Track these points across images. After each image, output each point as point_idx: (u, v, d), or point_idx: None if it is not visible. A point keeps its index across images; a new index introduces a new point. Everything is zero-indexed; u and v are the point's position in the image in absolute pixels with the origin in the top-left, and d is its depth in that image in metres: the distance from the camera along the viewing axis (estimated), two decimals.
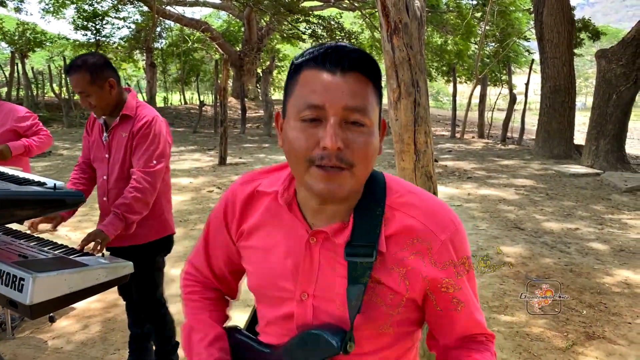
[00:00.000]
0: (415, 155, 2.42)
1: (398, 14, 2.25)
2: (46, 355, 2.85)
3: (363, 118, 0.81)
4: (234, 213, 1.01)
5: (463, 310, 0.93)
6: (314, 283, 0.91)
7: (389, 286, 0.89)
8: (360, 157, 0.81)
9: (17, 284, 1.60)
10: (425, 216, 0.89)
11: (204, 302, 1.11)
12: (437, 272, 0.89)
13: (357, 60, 0.81)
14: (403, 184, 0.95)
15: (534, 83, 15.49)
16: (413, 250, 0.88)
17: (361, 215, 0.89)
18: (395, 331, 0.93)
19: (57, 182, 1.82)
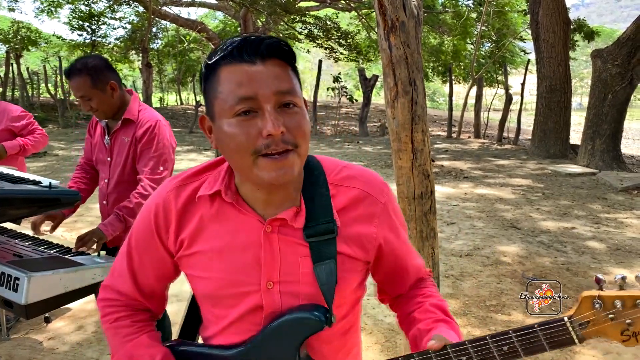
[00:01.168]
0: (413, 154, 2.42)
1: (395, 12, 2.24)
2: (42, 356, 2.83)
3: (294, 99, 0.84)
4: (168, 223, 0.96)
5: (409, 260, 1.05)
6: (278, 270, 0.92)
7: (349, 255, 0.94)
8: (300, 136, 0.84)
9: (12, 283, 1.58)
10: (365, 185, 0.96)
11: (136, 325, 1.02)
12: (386, 231, 0.97)
13: (272, 47, 0.83)
14: (335, 162, 1.00)
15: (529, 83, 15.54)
16: (362, 217, 0.95)
17: (310, 197, 0.93)
18: (352, 297, 1.00)
19: (52, 181, 1.80)
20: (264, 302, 0.92)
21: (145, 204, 1.01)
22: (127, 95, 2.29)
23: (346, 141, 14.33)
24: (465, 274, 4.15)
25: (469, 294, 3.76)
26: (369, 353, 2.91)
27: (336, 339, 1.00)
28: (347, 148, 12.65)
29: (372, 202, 0.95)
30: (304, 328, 0.90)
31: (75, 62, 2.12)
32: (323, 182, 0.94)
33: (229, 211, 0.93)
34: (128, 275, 1.02)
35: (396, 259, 1.02)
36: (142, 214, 1.00)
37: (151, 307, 1.07)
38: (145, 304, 1.05)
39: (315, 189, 0.93)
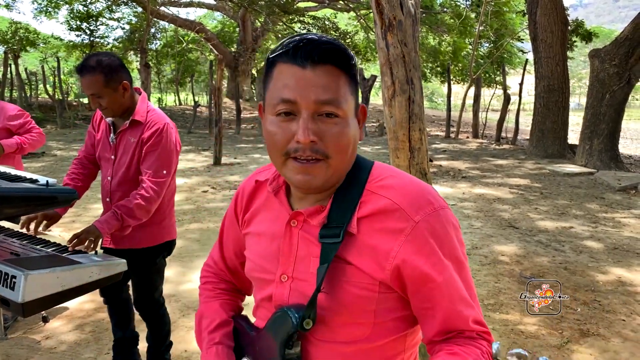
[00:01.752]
0: (410, 152, 2.42)
1: (392, 11, 2.25)
2: (39, 355, 2.83)
3: (335, 110, 0.83)
4: (242, 203, 1.06)
5: (445, 298, 0.85)
6: (293, 265, 0.93)
7: (357, 266, 0.87)
8: (334, 148, 0.83)
9: (9, 281, 1.58)
10: (399, 196, 0.87)
11: (215, 291, 1.15)
12: (410, 253, 0.84)
13: (327, 52, 0.82)
14: (389, 170, 0.94)
15: (528, 84, 15.58)
16: (385, 230, 0.86)
17: (338, 199, 0.91)
18: (375, 323, 0.89)
19: (49, 179, 1.80)
20: (274, 293, 0.94)
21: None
22: (136, 94, 2.25)
23: None
24: None
25: None
26: None
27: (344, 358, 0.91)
28: None
29: (401, 217, 0.85)
30: (284, 326, 0.90)
31: (89, 59, 2.06)
32: (359, 186, 0.91)
33: (273, 200, 0.99)
34: (219, 248, 1.17)
35: (423, 293, 0.86)
36: (235, 193, 1.11)
37: (235, 281, 1.18)
38: (229, 275, 1.17)
39: (347, 192, 0.91)
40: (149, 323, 2.52)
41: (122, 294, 2.55)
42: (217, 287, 1.16)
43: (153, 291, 2.44)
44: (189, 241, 4.98)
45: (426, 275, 0.84)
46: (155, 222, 2.30)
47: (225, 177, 8.64)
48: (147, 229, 2.29)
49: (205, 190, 7.47)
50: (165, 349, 2.59)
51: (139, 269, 2.33)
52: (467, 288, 0.88)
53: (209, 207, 6.50)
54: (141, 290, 2.43)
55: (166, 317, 2.56)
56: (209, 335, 1.05)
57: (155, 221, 2.30)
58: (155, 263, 2.41)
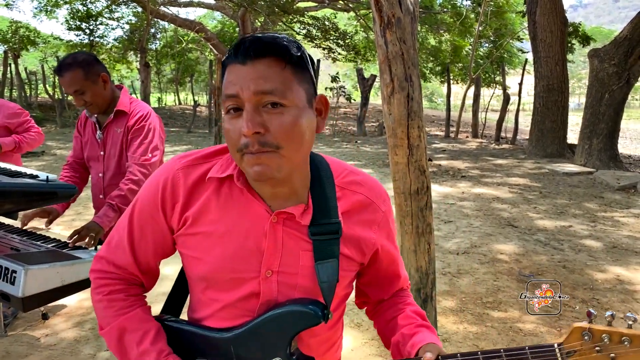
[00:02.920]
0: (409, 149, 2.43)
1: (391, 8, 2.26)
2: (39, 352, 2.84)
3: (279, 99, 0.83)
4: (175, 199, 0.96)
5: (400, 268, 1.12)
6: (278, 260, 0.94)
7: (347, 256, 0.98)
8: (283, 137, 0.83)
9: (10, 276, 1.59)
10: (369, 192, 1.01)
11: (130, 299, 1.02)
12: (383, 238, 1.02)
13: (265, 46, 0.83)
14: (341, 164, 1.03)
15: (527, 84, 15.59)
16: (363, 222, 0.99)
17: (318, 196, 0.95)
18: (342, 294, 1.04)
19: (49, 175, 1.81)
20: (261, 290, 0.94)
21: (151, 177, 1.01)
22: (117, 90, 2.33)
23: (344, 141, 14.35)
24: (462, 272, 4.17)
25: (466, 291, 3.77)
26: (366, 348, 2.92)
27: (323, 332, 1.04)
28: (345, 148, 12.67)
29: (374, 209, 1.00)
30: (300, 321, 0.92)
31: (64, 58, 2.15)
32: (331, 183, 0.97)
33: (237, 197, 0.95)
34: (127, 247, 1.01)
35: (389, 265, 1.08)
36: (148, 187, 0.99)
37: (145, 282, 1.07)
38: (140, 278, 1.05)
39: (323, 189, 0.96)
40: None
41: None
42: (129, 294, 1.03)
43: None
44: None
45: (392, 253, 1.07)
46: None
47: None
48: None
49: None
50: None
51: None
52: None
53: None
54: None
55: None
56: (153, 346, 0.96)
57: None
58: None
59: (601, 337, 0.86)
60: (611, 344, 0.85)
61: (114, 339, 0.98)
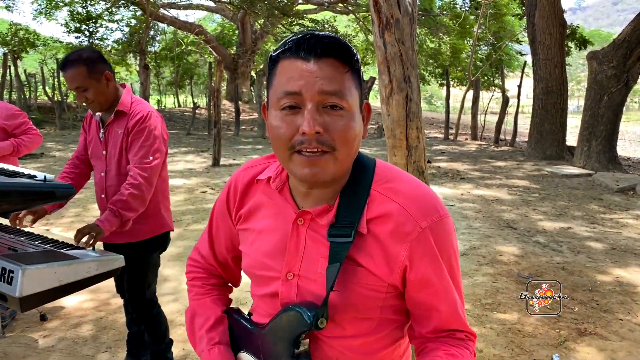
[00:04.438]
0: (407, 150, 2.43)
1: (390, 9, 2.26)
2: (37, 353, 2.83)
3: (340, 101, 0.83)
4: (235, 198, 1.05)
5: (441, 301, 0.93)
6: (299, 263, 0.93)
7: (369, 269, 0.89)
8: (340, 139, 0.83)
9: (7, 276, 1.58)
10: (408, 201, 0.89)
11: (206, 287, 1.14)
12: (417, 258, 0.88)
13: (330, 46, 0.82)
14: (393, 170, 0.95)
15: (526, 86, 15.61)
16: (394, 233, 0.88)
17: (346, 198, 0.91)
18: (379, 317, 0.95)
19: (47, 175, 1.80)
20: (280, 291, 0.95)
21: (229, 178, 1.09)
22: (120, 88, 2.31)
23: None
24: (462, 273, 4.15)
25: (465, 292, 3.76)
26: None
27: (355, 354, 0.96)
28: None
29: (408, 222, 0.88)
30: (295, 324, 0.90)
31: (70, 54, 2.13)
32: (366, 186, 0.91)
33: (276, 197, 0.98)
34: (207, 239, 1.14)
35: (424, 293, 0.92)
36: (225, 187, 1.09)
37: (225, 275, 1.17)
38: (219, 270, 1.16)
39: (354, 191, 0.91)
40: (145, 324, 2.51)
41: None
42: (206, 282, 1.15)
43: (146, 288, 2.43)
44: (188, 241, 4.98)
45: (428, 280, 0.90)
46: (151, 214, 2.32)
47: (224, 178, 8.64)
48: (144, 222, 2.30)
49: (205, 191, 7.48)
50: (167, 347, 2.59)
51: (134, 262, 2.32)
52: (459, 293, 0.95)
53: (209, 207, 6.50)
54: (134, 287, 2.42)
55: (161, 316, 2.56)
56: (207, 334, 1.04)
57: (150, 213, 2.31)
58: (151, 256, 2.42)
59: None
60: None
61: (188, 319, 1.10)
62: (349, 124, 0.84)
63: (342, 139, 0.83)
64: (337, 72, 0.83)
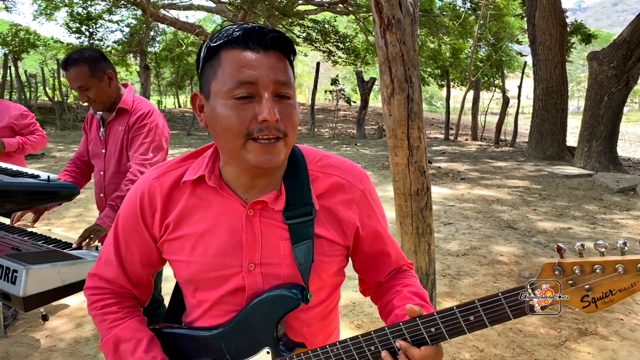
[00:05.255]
0: (409, 150, 2.44)
1: (391, 9, 2.27)
2: (39, 353, 2.83)
3: (289, 91, 0.89)
4: (154, 208, 0.98)
5: (389, 246, 1.08)
6: (259, 252, 0.96)
7: (329, 239, 0.98)
8: (290, 126, 0.88)
9: (11, 276, 1.59)
10: (344, 172, 1.01)
11: (124, 311, 1.06)
12: (364, 217, 1.01)
13: (276, 40, 0.87)
14: (315, 151, 1.04)
15: (526, 87, 15.61)
16: (341, 202, 0.99)
17: (290, 182, 0.97)
18: (333, 282, 1.05)
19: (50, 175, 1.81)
20: (246, 283, 0.96)
21: (130, 191, 1.03)
22: (122, 88, 2.32)
23: (344, 143, 14.36)
24: (462, 273, 4.17)
25: (466, 292, 3.77)
26: None
27: (316, 322, 1.04)
28: (345, 150, 12.68)
29: (350, 189, 1.00)
30: (282, 305, 0.94)
31: (72, 53, 2.15)
32: (303, 168, 0.98)
33: (212, 196, 0.96)
34: (115, 261, 1.04)
35: (376, 244, 1.05)
36: (127, 201, 1.02)
37: (137, 294, 1.10)
38: (132, 291, 1.08)
39: (295, 175, 0.97)
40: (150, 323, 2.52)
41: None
42: (122, 306, 1.06)
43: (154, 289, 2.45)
44: None
45: (376, 231, 1.04)
46: None
47: None
48: None
49: None
50: None
51: None
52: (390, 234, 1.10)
53: None
54: None
55: (162, 307, 2.57)
56: (146, 354, 0.98)
57: None
58: None
59: (572, 269, 0.81)
60: (583, 275, 0.80)
61: (111, 351, 1.01)
62: (294, 111, 0.90)
63: (292, 125, 0.89)
64: (282, 63, 0.88)
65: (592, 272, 0.80)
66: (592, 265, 0.80)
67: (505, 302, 0.82)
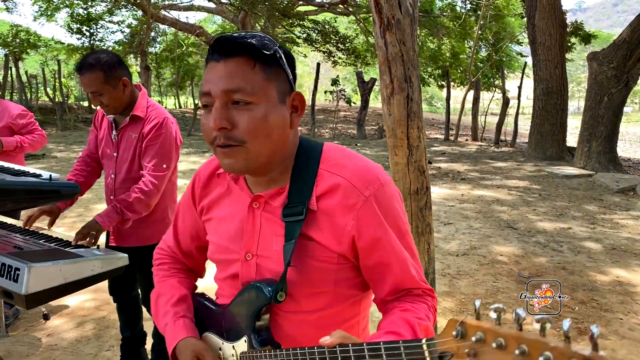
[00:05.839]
0: (408, 150, 2.45)
1: (391, 10, 2.28)
2: (40, 352, 2.84)
3: (246, 97, 0.86)
4: (198, 191, 1.12)
5: (392, 261, 0.96)
6: (257, 243, 0.99)
7: (320, 242, 0.94)
8: (248, 133, 0.87)
9: (13, 274, 1.60)
10: (351, 174, 0.94)
11: (171, 270, 1.21)
12: (364, 226, 0.92)
13: (234, 46, 0.87)
14: (340, 150, 1.00)
15: (526, 88, 15.62)
16: (341, 206, 0.93)
17: (295, 180, 0.96)
18: (335, 291, 0.98)
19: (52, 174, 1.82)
20: (240, 271, 1.01)
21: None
22: (136, 91, 2.27)
23: (344, 144, 14.36)
24: (462, 273, 4.18)
25: (465, 292, 3.78)
26: None
27: (311, 329, 0.98)
28: None
29: (352, 193, 0.92)
30: (256, 299, 0.96)
31: (88, 57, 2.07)
32: (313, 167, 0.96)
33: (233, 187, 1.05)
34: (173, 231, 1.22)
35: (376, 256, 0.95)
36: (190, 181, 1.16)
37: (188, 264, 1.24)
38: (183, 259, 1.23)
39: (302, 173, 0.96)
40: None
41: (131, 292, 2.57)
42: (172, 267, 1.22)
43: None
44: None
45: (377, 243, 0.94)
46: (158, 219, 2.34)
47: None
48: (152, 226, 2.31)
49: None
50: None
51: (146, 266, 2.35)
52: (409, 252, 0.98)
53: None
54: (147, 285, 2.44)
55: None
56: (173, 308, 1.09)
57: (159, 218, 2.33)
58: None
59: (474, 334, 0.63)
60: (482, 345, 0.61)
61: (153, 302, 1.15)
62: (258, 117, 0.87)
63: (250, 132, 0.87)
64: (241, 69, 0.87)
65: (493, 345, 0.60)
66: (495, 336, 0.60)
67: (404, 350, 0.72)
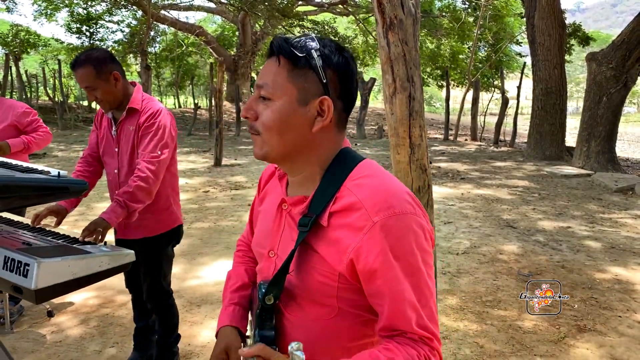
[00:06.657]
0: (410, 148, 2.48)
1: (393, 10, 2.31)
2: (45, 348, 2.87)
3: (266, 93, 0.95)
4: (262, 183, 1.21)
5: (385, 298, 0.89)
6: (278, 243, 1.03)
7: (322, 256, 0.93)
8: (262, 125, 0.95)
9: (22, 269, 1.62)
10: (366, 196, 0.90)
11: (244, 258, 1.30)
12: (364, 251, 0.88)
13: (276, 47, 0.95)
14: (372, 170, 0.96)
15: (525, 88, 15.66)
16: (351, 226, 0.90)
17: (319, 192, 0.97)
18: (337, 307, 0.95)
19: (60, 171, 1.85)
20: (263, 266, 1.07)
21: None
22: (131, 86, 2.35)
23: None
24: (462, 271, 4.21)
25: (466, 290, 3.81)
26: None
27: (320, 339, 0.98)
28: None
29: (362, 217, 0.88)
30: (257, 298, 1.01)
31: (80, 54, 2.19)
32: (338, 181, 0.95)
33: (277, 185, 1.11)
34: (249, 221, 1.31)
35: (372, 287, 0.90)
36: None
37: None
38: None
39: (327, 185, 0.96)
40: (158, 314, 2.58)
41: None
42: (246, 254, 1.30)
43: (162, 279, 2.51)
44: (192, 239, 5.02)
45: (373, 274, 0.88)
46: (163, 208, 2.39)
47: (226, 178, 8.69)
48: (155, 217, 2.37)
49: (207, 191, 7.52)
50: (174, 341, 2.64)
51: (150, 256, 2.42)
52: (417, 293, 0.89)
53: (211, 206, 6.55)
54: (151, 278, 2.49)
55: (174, 308, 2.62)
56: (230, 294, 1.18)
57: (162, 208, 2.39)
58: (166, 250, 2.49)
59: None
60: None
61: (225, 280, 1.25)
62: (272, 113, 0.94)
63: (263, 125, 0.95)
64: (270, 68, 0.95)
65: None
66: None
67: None
